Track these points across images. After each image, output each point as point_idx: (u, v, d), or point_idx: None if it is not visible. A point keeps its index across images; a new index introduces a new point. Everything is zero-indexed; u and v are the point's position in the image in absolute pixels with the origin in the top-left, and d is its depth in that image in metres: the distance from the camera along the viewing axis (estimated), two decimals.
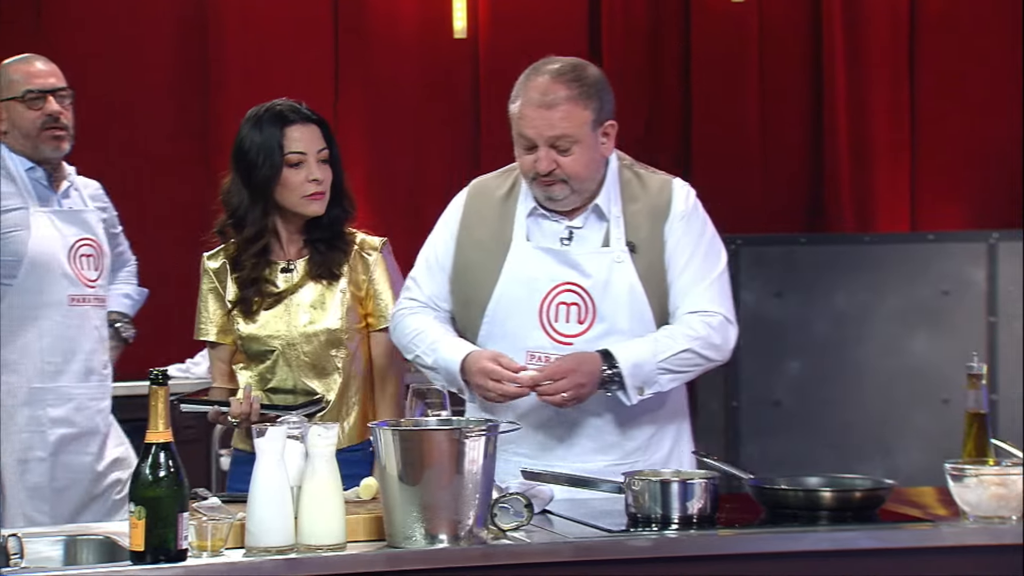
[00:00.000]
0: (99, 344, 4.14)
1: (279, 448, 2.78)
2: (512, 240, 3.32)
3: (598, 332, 3.26)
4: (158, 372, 2.71)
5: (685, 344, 3.26)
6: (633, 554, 2.85)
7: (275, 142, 3.50)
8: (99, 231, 4.19)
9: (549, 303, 3.28)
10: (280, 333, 3.53)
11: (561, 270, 3.28)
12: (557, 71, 3.25)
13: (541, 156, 3.23)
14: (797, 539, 2.91)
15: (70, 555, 2.98)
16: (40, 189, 4.09)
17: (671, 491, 2.95)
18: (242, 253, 3.55)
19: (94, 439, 4.12)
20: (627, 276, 3.28)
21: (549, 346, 3.26)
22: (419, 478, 2.77)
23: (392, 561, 2.76)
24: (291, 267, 3.56)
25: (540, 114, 3.22)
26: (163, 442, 2.68)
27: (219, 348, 3.63)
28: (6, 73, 4.10)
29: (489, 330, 3.31)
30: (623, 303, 3.27)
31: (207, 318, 3.60)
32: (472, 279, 3.34)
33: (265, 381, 3.55)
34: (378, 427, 2.85)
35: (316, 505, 2.76)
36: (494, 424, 2.86)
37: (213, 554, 2.71)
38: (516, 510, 2.89)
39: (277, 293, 3.55)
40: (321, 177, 3.51)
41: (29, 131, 4.06)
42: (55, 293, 4.05)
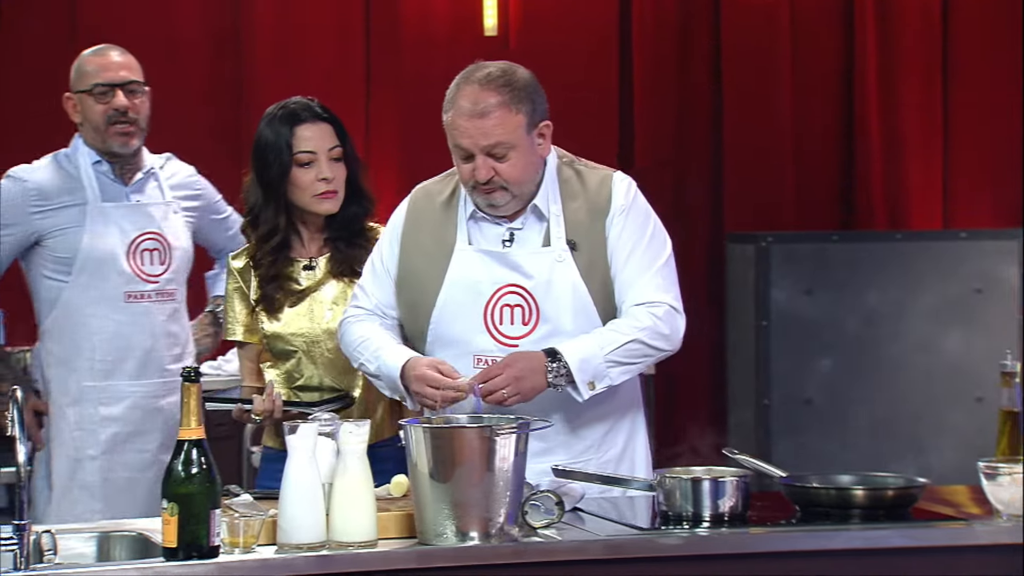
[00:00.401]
0: (163, 340, 4.07)
1: (311, 445, 2.79)
2: (455, 244, 3.30)
3: (543, 333, 3.24)
4: (190, 369, 2.72)
5: (631, 335, 3.21)
6: (664, 552, 2.84)
7: (285, 141, 3.52)
8: (172, 223, 4.10)
9: (493, 306, 3.26)
10: (304, 331, 3.54)
11: (503, 272, 3.27)
12: (486, 78, 3.22)
13: (479, 165, 3.21)
14: (829, 537, 2.90)
15: (103, 551, 2.99)
16: (105, 183, 4.05)
17: (702, 489, 2.94)
18: (259, 251, 3.56)
19: (152, 437, 4.06)
20: (569, 275, 3.25)
21: (495, 349, 3.24)
22: (450, 476, 2.77)
23: (423, 558, 2.76)
24: (313, 264, 3.58)
25: (473, 124, 3.20)
26: (195, 439, 2.69)
27: (247, 347, 3.64)
28: (80, 64, 4.06)
29: (436, 335, 3.29)
30: (566, 302, 3.25)
31: (234, 318, 3.61)
32: (416, 285, 3.32)
33: (292, 379, 3.56)
34: (409, 424, 2.85)
35: (348, 502, 2.76)
36: (525, 422, 2.86)
37: (245, 551, 2.72)
38: (547, 508, 2.88)
39: (300, 291, 3.56)
40: (331, 176, 3.52)
41: (97, 125, 4.02)
42: (109, 290, 4.01)
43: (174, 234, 4.10)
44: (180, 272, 4.12)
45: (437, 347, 3.30)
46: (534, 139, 3.25)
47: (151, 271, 4.05)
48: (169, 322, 4.09)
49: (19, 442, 2.75)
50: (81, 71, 4.04)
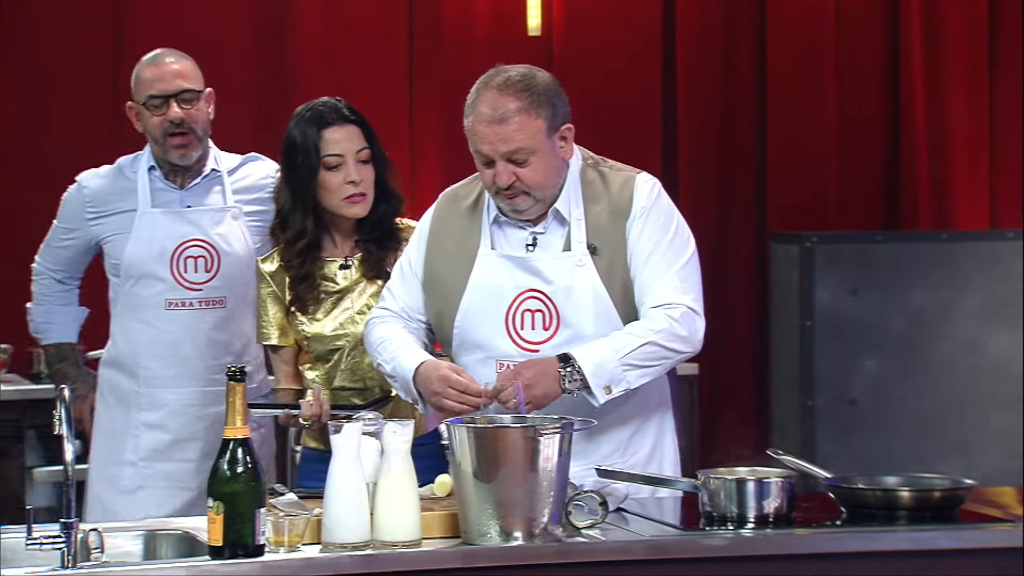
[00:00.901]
0: (208, 348, 3.99)
1: (355, 445, 2.80)
2: (478, 249, 3.29)
3: (564, 338, 3.22)
4: (235, 369, 2.73)
5: (646, 338, 3.17)
6: (709, 553, 2.83)
7: (312, 144, 3.51)
8: (227, 229, 4.00)
9: (515, 311, 3.25)
10: (344, 331, 3.54)
11: (524, 277, 3.25)
12: (505, 82, 3.20)
13: (500, 171, 3.19)
14: (875, 539, 2.88)
15: (149, 550, 3.01)
16: (158, 189, 4.01)
17: (747, 490, 2.93)
18: (288, 253, 3.57)
19: (193, 446, 4.00)
20: (589, 279, 3.23)
21: (516, 354, 3.22)
22: (494, 475, 2.77)
23: (467, 558, 2.76)
24: (349, 263, 3.57)
25: (493, 129, 3.18)
26: (241, 438, 2.70)
27: (282, 351, 3.63)
28: (137, 74, 4.01)
29: (460, 340, 3.29)
30: (587, 307, 3.23)
31: (267, 322, 3.61)
32: (441, 289, 3.32)
33: (331, 380, 3.56)
34: (453, 424, 2.86)
35: (392, 502, 2.77)
36: (569, 422, 2.85)
37: (290, 550, 2.73)
38: (591, 508, 2.88)
39: (337, 291, 3.56)
40: (359, 178, 3.51)
41: (155, 137, 3.97)
42: (151, 296, 3.98)
43: (227, 240, 4.01)
44: (232, 279, 4.00)
45: (463, 351, 3.29)
46: (555, 143, 3.22)
47: (194, 279, 3.98)
48: (215, 330, 4.00)
49: (66, 440, 2.77)
50: (138, 81, 3.99)
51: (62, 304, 4.18)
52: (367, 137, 3.55)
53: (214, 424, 3.91)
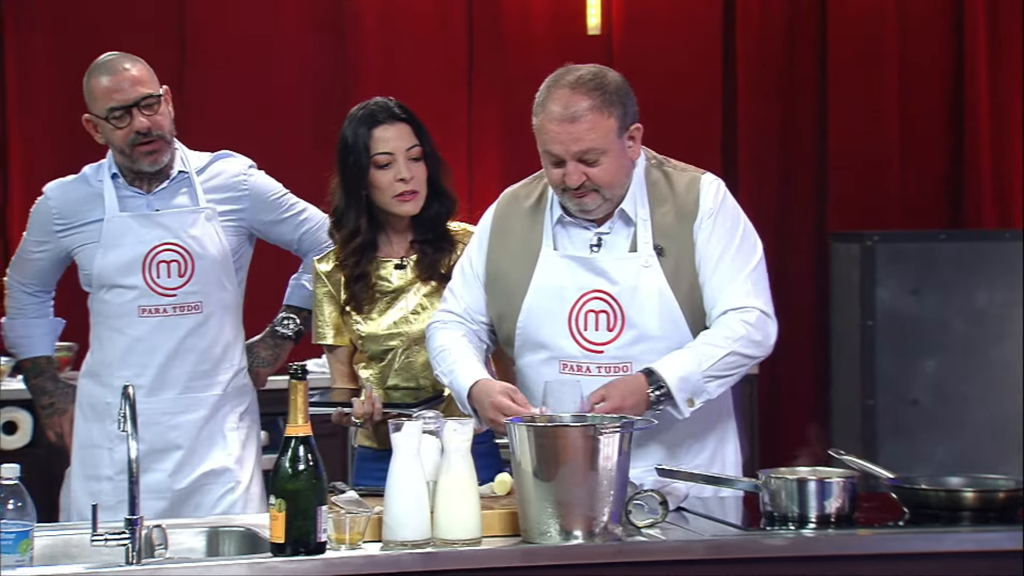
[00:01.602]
0: (184, 355, 3.82)
1: (416, 443, 2.80)
2: (540, 249, 3.28)
3: (628, 339, 3.21)
4: (297, 367, 2.74)
5: (727, 348, 3.17)
6: (769, 552, 2.82)
7: (362, 143, 3.51)
8: (201, 231, 3.85)
9: (578, 312, 3.23)
10: (398, 330, 3.54)
11: (589, 278, 3.24)
12: (576, 81, 3.17)
13: (570, 171, 3.17)
14: (938, 539, 2.86)
15: (212, 546, 3.03)
16: (124, 195, 3.85)
17: (808, 490, 2.91)
18: (343, 252, 3.57)
19: (168, 456, 3.82)
20: (655, 280, 3.21)
21: (580, 355, 3.22)
22: (554, 475, 2.77)
23: (527, 556, 2.76)
24: (405, 263, 3.57)
25: (564, 129, 3.15)
26: (302, 435, 2.72)
27: (337, 350, 3.64)
28: (90, 87, 3.81)
29: (523, 340, 3.28)
30: (652, 308, 3.21)
31: (323, 321, 3.61)
32: (503, 290, 3.31)
33: (385, 379, 3.56)
34: (514, 423, 2.86)
35: (452, 500, 2.77)
36: (629, 421, 2.85)
37: (351, 547, 2.74)
38: (651, 507, 2.87)
39: (393, 291, 3.56)
40: (409, 176, 3.51)
41: (122, 148, 3.79)
42: (123, 304, 3.83)
43: (201, 243, 3.84)
44: (208, 283, 3.84)
45: (525, 351, 3.29)
46: (625, 142, 3.21)
47: (167, 284, 3.81)
48: (192, 336, 3.84)
49: (130, 439, 2.79)
50: (93, 95, 3.80)
51: (35, 317, 4.05)
52: (418, 135, 3.55)
53: (190, 431, 3.84)
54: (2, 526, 2.62)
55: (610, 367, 3.20)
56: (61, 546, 2.93)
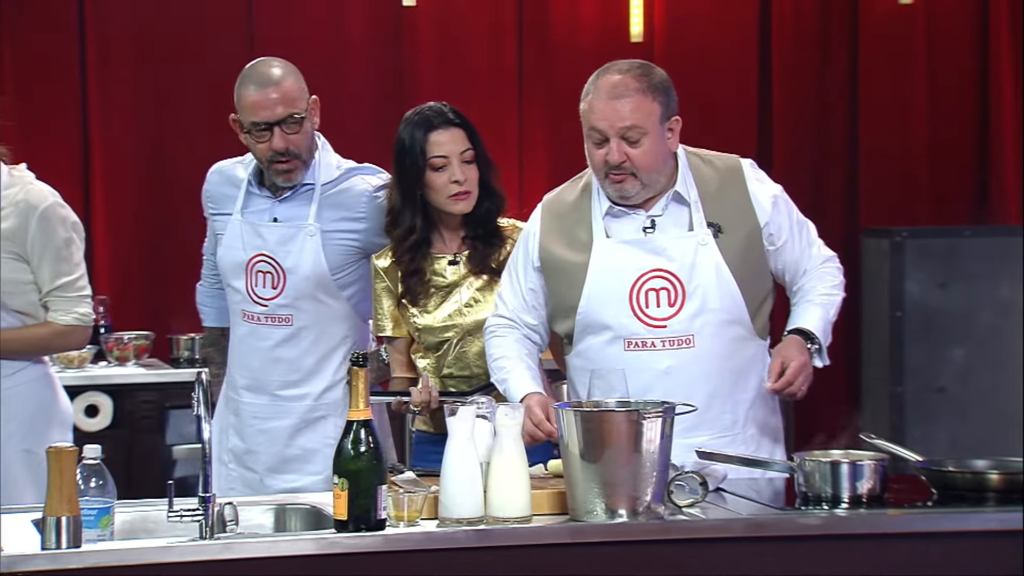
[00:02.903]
0: (273, 364, 3.71)
1: (470, 427, 2.81)
2: (593, 240, 3.27)
3: (690, 311, 3.22)
4: (359, 355, 2.75)
5: (840, 293, 3.38)
6: (804, 531, 2.81)
7: (419, 147, 3.52)
8: (299, 247, 3.68)
9: (638, 291, 3.23)
10: (453, 322, 3.55)
11: (646, 258, 3.24)
12: (627, 67, 3.23)
13: (612, 148, 3.18)
14: (965, 519, 2.84)
15: (279, 522, 3.05)
16: (253, 196, 3.75)
17: (841, 471, 2.90)
18: (399, 248, 3.57)
19: (258, 458, 3.75)
20: (712, 257, 3.23)
21: (644, 331, 3.22)
22: (600, 456, 2.77)
23: (575, 534, 2.76)
24: (457, 259, 3.57)
25: (610, 105, 3.18)
26: (363, 419, 2.73)
27: (396, 342, 3.64)
28: (238, 94, 3.66)
29: (584, 326, 3.26)
30: (711, 283, 3.23)
31: (382, 315, 3.62)
32: (562, 282, 3.29)
33: (441, 368, 3.57)
34: (561, 408, 2.86)
35: (504, 480, 2.78)
36: (671, 406, 2.84)
37: (409, 524, 2.75)
38: (691, 488, 2.87)
39: (447, 285, 3.56)
40: (463, 177, 3.51)
41: (259, 160, 3.69)
42: (234, 304, 3.77)
43: (296, 259, 3.68)
44: (300, 299, 3.68)
45: (587, 335, 3.28)
46: (665, 131, 3.23)
47: (262, 294, 3.69)
48: (280, 347, 3.70)
49: (204, 421, 2.81)
50: (240, 102, 3.64)
51: (216, 288, 3.90)
52: (471, 139, 3.56)
53: (275, 439, 3.73)
54: (85, 503, 2.65)
55: (674, 340, 3.22)
56: (139, 522, 2.96)
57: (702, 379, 3.21)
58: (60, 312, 3.72)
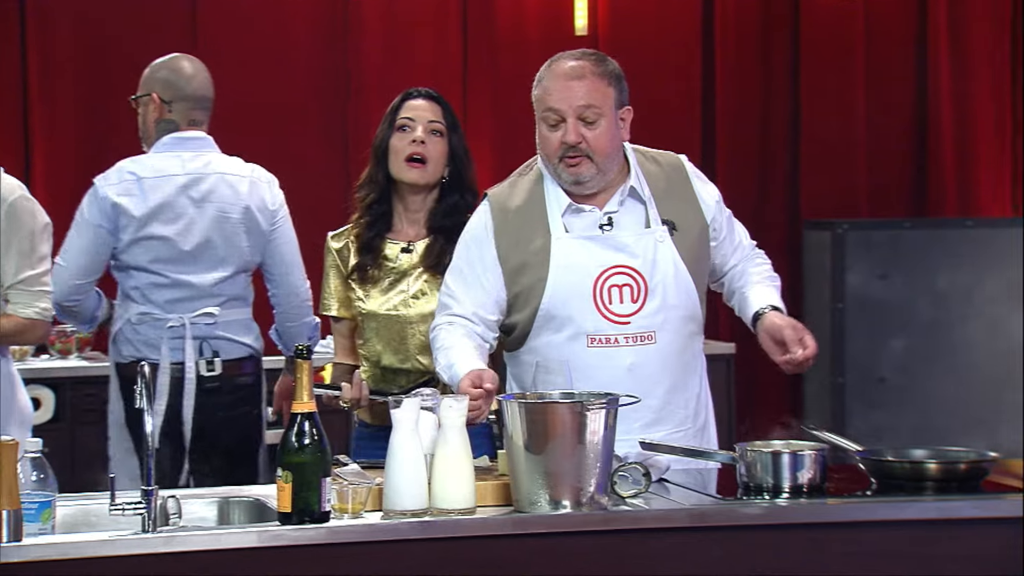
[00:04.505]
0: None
1: (414, 419, 2.80)
2: (551, 235, 3.26)
3: (652, 308, 3.23)
4: (302, 347, 2.74)
5: (777, 278, 3.43)
6: (745, 521, 2.82)
7: (393, 113, 3.54)
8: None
9: (601, 287, 3.23)
10: (398, 312, 3.51)
11: (608, 254, 3.24)
12: (581, 53, 3.26)
13: (569, 127, 3.18)
14: (903, 508, 2.86)
15: (223, 515, 3.03)
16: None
17: (782, 462, 2.91)
18: (361, 218, 3.55)
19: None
20: (669, 253, 3.26)
21: (608, 327, 3.22)
22: (544, 448, 2.77)
23: (519, 525, 2.76)
24: (411, 248, 3.54)
25: (567, 85, 3.19)
26: (307, 412, 2.71)
27: (341, 322, 3.61)
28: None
29: (544, 321, 3.24)
30: (670, 279, 3.25)
31: (329, 293, 3.60)
32: (523, 277, 3.27)
33: (380, 358, 3.54)
34: (505, 400, 2.85)
35: (448, 472, 2.77)
36: (614, 397, 2.85)
37: (353, 516, 2.74)
38: (635, 478, 2.87)
39: (396, 272, 3.53)
40: (423, 140, 3.48)
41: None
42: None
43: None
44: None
45: (546, 330, 3.26)
46: (618, 118, 3.24)
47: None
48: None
49: (146, 413, 2.78)
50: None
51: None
52: (445, 116, 3.54)
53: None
54: (25, 496, 2.62)
55: (637, 336, 3.23)
56: (81, 515, 2.93)
57: (662, 374, 3.23)
58: (21, 305, 3.67)
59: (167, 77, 4.12)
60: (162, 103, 4.11)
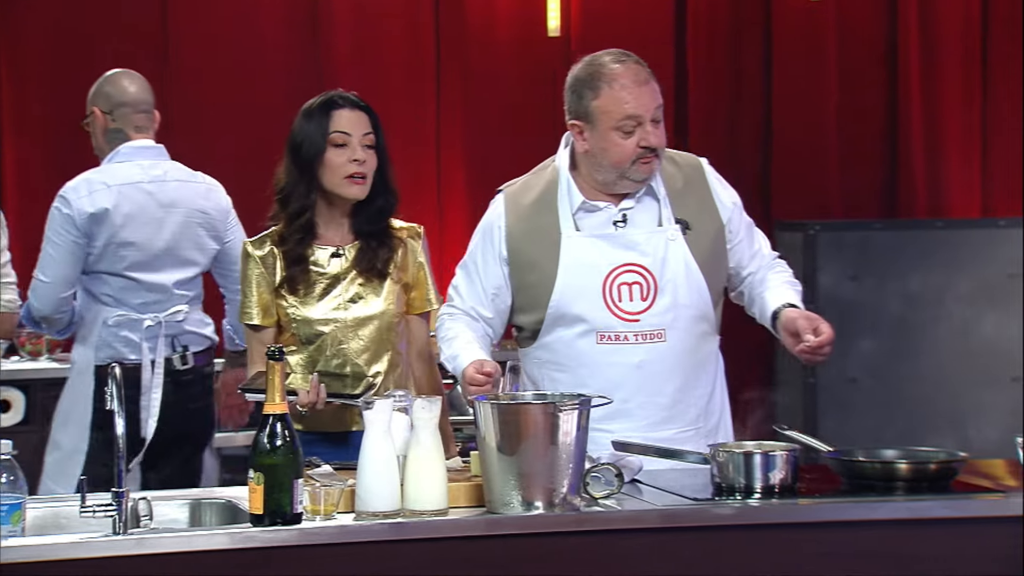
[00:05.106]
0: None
1: (386, 420, 2.80)
2: (561, 233, 3.28)
3: (662, 306, 3.25)
4: (275, 349, 2.73)
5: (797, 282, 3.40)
6: (717, 521, 2.83)
7: (322, 123, 3.44)
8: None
9: (611, 284, 3.26)
10: (335, 318, 3.44)
11: (618, 253, 3.27)
12: (627, 57, 3.29)
13: (649, 131, 3.24)
14: (874, 508, 2.88)
15: (194, 517, 3.02)
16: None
17: (754, 462, 2.93)
18: (288, 229, 3.45)
19: None
20: (681, 252, 3.28)
21: (618, 325, 3.25)
22: (516, 449, 2.77)
23: (491, 526, 2.76)
24: (341, 252, 3.47)
25: (641, 91, 3.24)
26: (279, 413, 2.71)
27: (264, 331, 3.48)
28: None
29: (555, 318, 3.27)
30: (681, 278, 3.27)
31: (253, 302, 3.47)
32: (532, 275, 3.30)
33: (315, 364, 3.44)
34: (479, 401, 2.86)
35: (421, 473, 2.77)
36: (587, 398, 2.85)
37: (325, 518, 2.73)
38: (607, 479, 2.88)
39: (329, 278, 3.46)
40: (363, 159, 3.43)
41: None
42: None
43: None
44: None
45: (557, 327, 3.28)
46: None
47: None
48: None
49: (116, 415, 2.77)
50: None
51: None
52: (373, 125, 3.48)
53: None
54: None
55: (646, 334, 3.25)
56: (51, 518, 2.92)
57: (671, 373, 3.26)
58: None
59: (105, 90, 4.31)
60: (104, 114, 4.28)
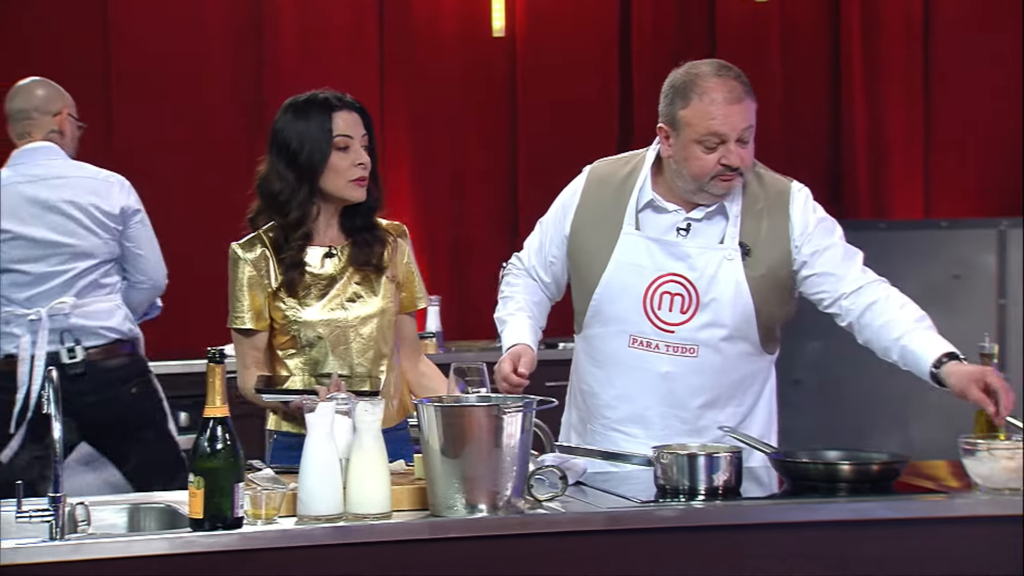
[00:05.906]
0: None
1: (329, 423, 2.78)
2: (622, 228, 3.29)
3: (701, 322, 3.24)
4: (215, 351, 2.71)
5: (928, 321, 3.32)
6: (661, 523, 2.84)
7: (324, 128, 3.36)
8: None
9: (653, 291, 3.25)
10: (335, 318, 3.40)
11: (668, 261, 3.26)
12: (727, 70, 3.25)
13: (732, 150, 3.19)
14: (817, 509, 2.90)
15: (133, 522, 2.99)
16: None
17: (698, 464, 2.94)
18: (287, 237, 3.39)
19: None
20: (734, 274, 3.24)
21: (651, 332, 3.25)
22: (460, 451, 2.77)
23: (435, 529, 2.76)
24: (334, 252, 3.44)
25: (731, 110, 3.19)
26: (220, 416, 2.69)
27: (255, 336, 3.42)
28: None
29: (595, 311, 3.30)
30: (728, 299, 3.24)
31: (244, 307, 3.40)
32: (584, 261, 3.33)
33: (316, 366, 3.42)
34: (421, 403, 2.85)
35: (364, 476, 2.76)
36: (530, 400, 2.85)
37: (267, 522, 2.72)
38: (551, 482, 2.88)
39: (325, 278, 3.43)
40: (366, 161, 3.40)
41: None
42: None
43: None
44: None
45: (596, 323, 3.30)
46: None
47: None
48: None
49: (53, 419, 2.74)
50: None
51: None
52: (367, 126, 3.44)
53: None
54: None
55: (678, 347, 3.25)
56: None
57: (699, 389, 3.26)
58: None
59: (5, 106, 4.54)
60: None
